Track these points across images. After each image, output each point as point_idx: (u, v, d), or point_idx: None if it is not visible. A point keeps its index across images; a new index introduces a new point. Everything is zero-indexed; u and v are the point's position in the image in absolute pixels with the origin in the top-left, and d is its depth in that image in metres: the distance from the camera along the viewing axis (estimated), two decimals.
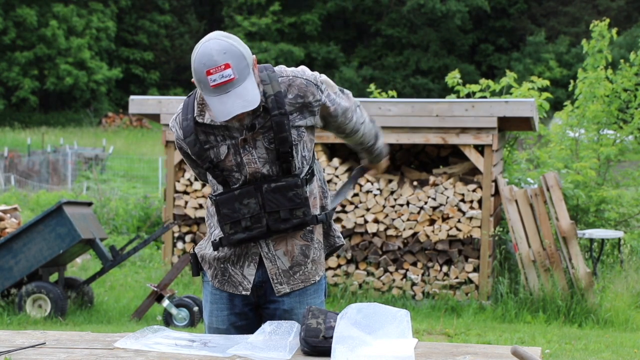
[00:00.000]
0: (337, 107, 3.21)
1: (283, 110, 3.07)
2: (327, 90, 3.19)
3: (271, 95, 3.07)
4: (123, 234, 13.96)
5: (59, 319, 8.74)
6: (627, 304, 9.30)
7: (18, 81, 40.69)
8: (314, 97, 3.13)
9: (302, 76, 3.13)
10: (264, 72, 3.11)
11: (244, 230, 3.14)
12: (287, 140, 3.08)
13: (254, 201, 3.12)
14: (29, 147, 28.22)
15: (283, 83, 3.10)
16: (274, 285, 3.19)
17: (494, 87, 11.99)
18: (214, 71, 2.90)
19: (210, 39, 2.97)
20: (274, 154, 3.10)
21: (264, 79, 3.09)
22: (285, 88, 3.10)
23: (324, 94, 3.16)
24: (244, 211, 3.13)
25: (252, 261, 3.19)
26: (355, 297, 9.69)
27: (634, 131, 12.44)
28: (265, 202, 3.12)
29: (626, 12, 44.01)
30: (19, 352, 2.81)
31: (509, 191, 9.60)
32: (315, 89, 3.13)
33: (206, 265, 3.28)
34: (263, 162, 3.11)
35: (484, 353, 2.76)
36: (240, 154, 3.11)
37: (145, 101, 10.67)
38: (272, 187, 3.11)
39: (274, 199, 3.11)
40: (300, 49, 44.00)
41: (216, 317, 3.27)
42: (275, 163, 3.11)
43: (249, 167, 3.12)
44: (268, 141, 3.10)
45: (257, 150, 3.11)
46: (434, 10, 43.89)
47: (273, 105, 3.07)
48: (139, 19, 47.02)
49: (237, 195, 3.13)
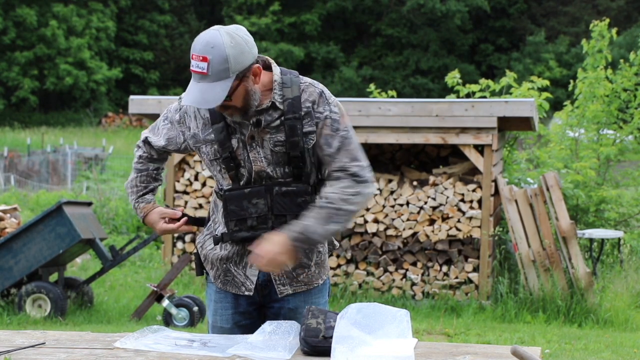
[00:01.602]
0: (331, 140, 3.11)
1: (298, 114, 3.10)
2: (335, 117, 3.13)
3: (289, 99, 3.11)
4: (123, 234, 13.96)
5: (58, 319, 8.73)
6: (627, 303, 9.30)
7: (18, 81, 40.68)
8: (317, 106, 3.13)
9: (320, 87, 3.17)
10: (287, 76, 3.15)
11: (249, 229, 3.14)
12: (298, 145, 3.10)
13: (263, 202, 3.13)
14: (29, 147, 28.21)
15: (302, 87, 3.14)
16: (277, 286, 3.20)
17: (494, 87, 11.98)
18: (195, 57, 3.00)
19: (217, 29, 3.02)
20: (282, 157, 3.11)
21: (285, 82, 3.13)
22: (302, 91, 3.14)
23: (328, 113, 3.12)
24: (252, 210, 3.14)
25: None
26: (355, 297, 9.69)
27: (634, 131, 12.44)
28: (274, 204, 3.13)
29: (626, 12, 44.00)
30: (19, 352, 2.81)
31: (509, 191, 9.60)
32: (324, 101, 3.14)
33: (209, 266, 3.28)
34: (267, 163, 3.13)
35: (484, 353, 2.76)
36: (248, 150, 3.13)
37: (145, 101, 10.67)
38: (282, 190, 3.13)
39: (283, 202, 3.13)
40: (300, 48, 43.99)
41: (220, 316, 3.27)
42: (282, 166, 3.13)
43: (254, 164, 3.13)
44: (273, 143, 3.11)
45: (264, 150, 3.13)
46: (433, 10, 43.87)
47: (289, 108, 3.11)
48: (138, 19, 47.01)
49: (247, 193, 3.14)
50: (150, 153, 3.35)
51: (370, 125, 9.77)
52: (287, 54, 42.74)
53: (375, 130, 9.77)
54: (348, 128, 3.14)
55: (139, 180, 3.36)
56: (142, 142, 3.37)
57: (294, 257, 3.06)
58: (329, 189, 3.08)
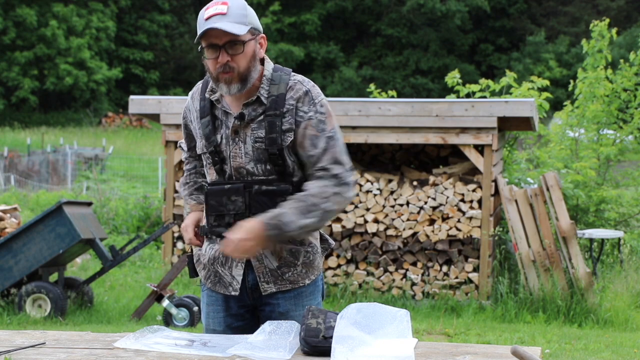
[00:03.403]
0: (317, 141, 3.08)
1: (279, 111, 3.09)
2: (324, 118, 3.11)
3: (274, 95, 3.11)
4: (123, 234, 13.96)
5: (58, 319, 8.73)
6: (627, 303, 9.30)
7: (18, 81, 40.68)
8: (302, 105, 3.11)
9: (307, 86, 3.14)
10: (277, 73, 3.15)
11: (227, 226, 3.13)
12: (276, 141, 3.09)
13: (241, 200, 3.12)
14: (29, 147, 28.21)
15: (290, 85, 3.14)
16: (261, 284, 3.18)
17: (494, 87, 11.98)
18: (211, 5, 3.06)
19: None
20: (262, 153, 3.11)
21: (274, 79, 3.14)
22: (288, 89, 3.13)
23: (312, 114, 3.10)
24: (230, 207, 3.14)
25: (240, 261, 3.18)
26: (355, 297, 9.69)
27: (634, 131, 12.44)
28: (252, 203, 3.11)
29: (626, 12, 44.01)
30: (19, 352, 2.81)
31: (509, 191, 9.61)
32: (308, 101, 3.11)
33: (200, 267, 3.29)
34: (249, 159, 3.12)
35: (484, 353, 2.76)
36: (230, 145, 3.14)
37: (145, 101, 10.67)
38: (262, 189, 3.11)
39: (261, 201, 3.10)
40: (300, 48, 44.00)
41: (212, 319, 3.27)
42: (263, 163, 3.12)
43: (233, 160, 3.14)
44: (254, 139, 3.11)
45: (245, 146, 3.13)
46: (433, 10, 43.88)
47: (271, 104, 3.11)
48: (138, 19, 47.01)
49: (226, 189, 3.14)
50: (189, 154, 3.44)
51: (370, 125, 9.77)
52: (287, 54, 42.74)
53: (375, 130, 9.77)
54: (335, 129, 3.12)
55: (188, 178, 3.44)
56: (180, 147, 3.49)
57: (265, 245, 3.02)
58: (310, 184, 3.06)
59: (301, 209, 3.00)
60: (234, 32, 3.02)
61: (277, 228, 2.99)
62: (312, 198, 3.01)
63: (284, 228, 2.99)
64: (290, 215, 2.99)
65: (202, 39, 3.07)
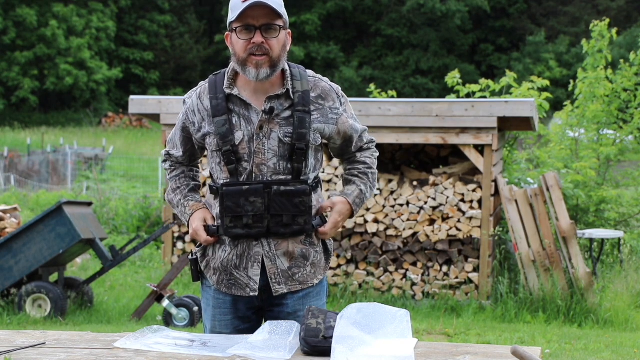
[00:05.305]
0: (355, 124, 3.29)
1: (307, 108, 3.13)
2: (346, 105, 3.29)
3: (299, 91, 3.14)
4: (123, 234, 13.96)
5: (58, 319, 8.74)
6: (627, 303, 9.30)
7: (18, 81, 40.67)
8: (333, 103, 3.21)
9: (327, 82, 3.26)
10: (296, 69, 3.20)
11: (244, 227, 3.12)
12: (305, 137, 3.11)
13: (260, 201, 3.10)
14: (29, 147, 28.20)
15: (310, 82, 3.18)
16: (272, 285, 3.18)
17: (494, 87, 11.98)
18: None
19: None
20: (288, 149, 3.10)
21: (295, 75, 3.17)
22: (311, 87, 3.17)
23: (342, 107, 3.25)
24: (248, 208, 3.11)
25: (256, 261, 3.17)
26: (355, 297, 9.69)
27: (634, 131, 12.44)
28: (271, 204, 3.10)
29: (626, 12, 44.00)
30: (19, 352, 2.81)
31: (509, 191, 9.61)
32: (335, 97, 3.23)
33: (210, 272, 3.24)
34: (272, 155, 3.11)
35: (484, 353, 2.76)
36: (254, 141, 3.11)
37: (145, 101, 10.67)
38: (281, 190, 3.10)
39: (281, 203, 3.11)
40: (300, 48, 43.98)
41: (219, 322, 3.25)
42: (286, 159, 3.11)
43: (256, 157, 3.11)
44: (284, 133, 3.11)
45: (270, 142, 3.11)
46: (433, 10, 43.88)
47: (299, 101, 3.13)
48: (138, 19, 47.01)
49: (244, 190, 3.11)
50: (177, 161, 3.35)
51: (370, 125, 9.75)
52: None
53: (375, 130, 9.77)
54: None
55: (178, 183, 3.33)
56: (165, 155, 3.37)
57: None
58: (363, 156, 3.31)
59: (371, 183, 3.30)
60: (277, 9, 3.08)
61: (360, 205, 3.28)
62: (371, 170, 3.31)
63: (364, 204, 3.31)
64: (367, 191, 3.28)
65: (239, 20, 3.06)
